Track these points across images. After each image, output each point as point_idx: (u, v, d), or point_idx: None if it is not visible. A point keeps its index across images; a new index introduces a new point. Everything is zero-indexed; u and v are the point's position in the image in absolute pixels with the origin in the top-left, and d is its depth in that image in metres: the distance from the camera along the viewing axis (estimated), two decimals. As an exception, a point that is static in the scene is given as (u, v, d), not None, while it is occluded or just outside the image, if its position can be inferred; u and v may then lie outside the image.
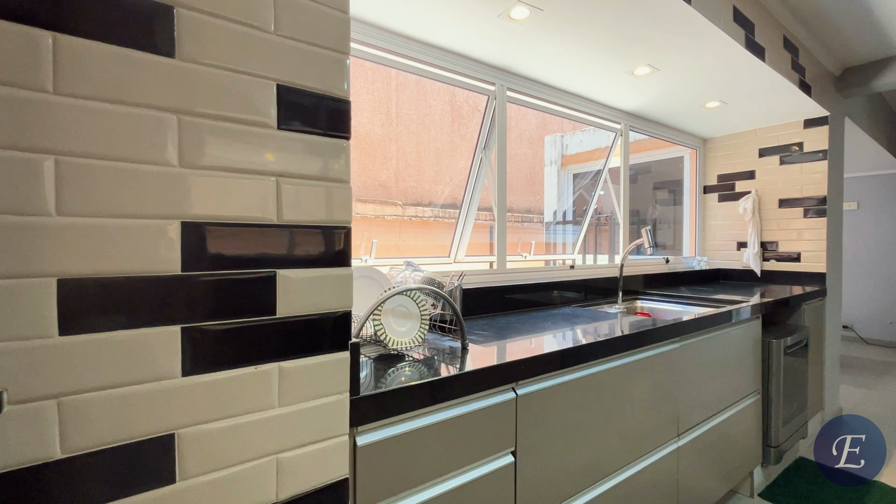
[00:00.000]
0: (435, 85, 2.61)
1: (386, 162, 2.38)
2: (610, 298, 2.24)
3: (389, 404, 0.78)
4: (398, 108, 2.44)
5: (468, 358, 1.01)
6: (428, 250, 2.47)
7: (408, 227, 2.47)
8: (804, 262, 2.70)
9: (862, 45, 2.38)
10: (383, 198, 2.35)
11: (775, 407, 1.99)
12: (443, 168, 2.64)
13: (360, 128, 2.23)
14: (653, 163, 3.74)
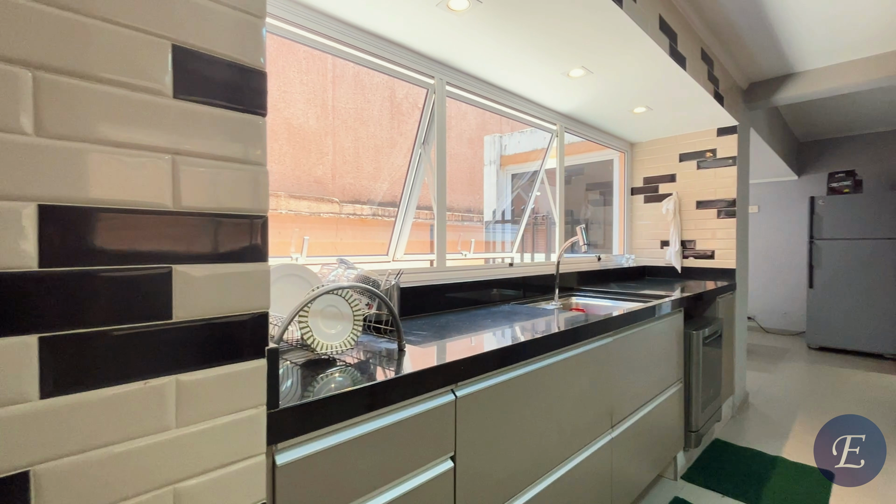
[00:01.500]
0: (373, 79, 2.52)
1: (322, 157, 2.26)
2: (547, 295, 2.28)
3: (315, 416, 0.70)
4: (335, 102, 2.33)
5: (405, 360, 0.95)
6: (367, 248, 2.38)
7: (345, 224, 2.36)
8: (717, 259, 2.93)
9: (765, 61, 2.63)
10: (319, 194, 2.23)
11: (695, 394, 2.13)
12: (382, 165, 2.56)
13: (294, 120, 2.10)
14: (586, 165, 3.90)
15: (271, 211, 1.98)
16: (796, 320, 5.34)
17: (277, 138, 2.02)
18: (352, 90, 2.39)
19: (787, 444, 2.43)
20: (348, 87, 2.37)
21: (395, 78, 1.83)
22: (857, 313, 4.36)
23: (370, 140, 2.52)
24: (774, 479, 2.07)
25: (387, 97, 2.59)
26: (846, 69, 2.60)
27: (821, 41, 2.35)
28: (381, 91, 2.56)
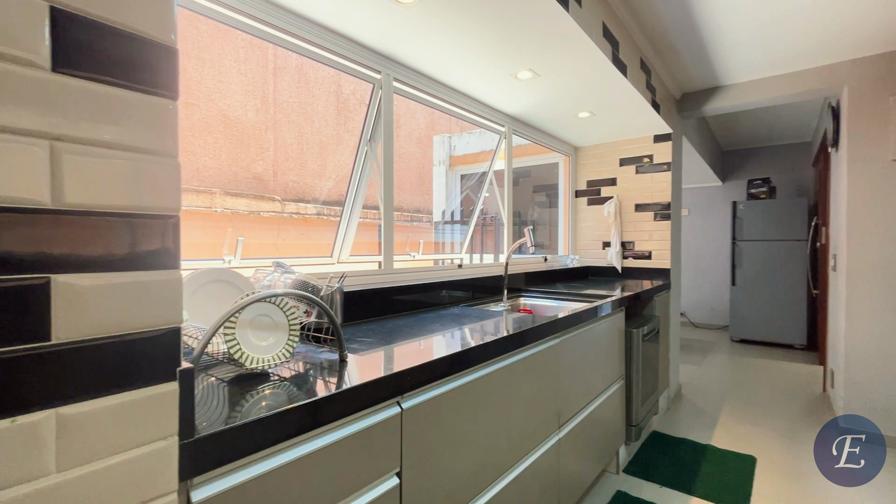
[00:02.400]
0: (318, 73, 2.41)
1: (262, 152, 2.13)
2: (496, 296, 2.27)
3: (240, 442, 0.62)
4: (276, 95, 2.20)
5: (346, 372, 0.88)
6: (311, 250, 2.26)
7: (288, 224, 2.24)
8: (654, 259, 3.09)
9: (697, 74, 2.79)
10: (259, 192, 2.09)
11: (636, 389, 2.21)
12: (328, 162, 2.45)
13: (231, 112, 1.96)
14: (532, 167, 3.98)
15: (205, 209, 1.82)
16: (721, 315, 5.78)
17: (212, 131, 1.88)
18: (295, 83, 2.27)
19: (716, 433, 2.60)
20: (291, 79, 2.25)
21: (341, 72, 1.74)
22: (772, 308, 4.79)
23: (315, 136, 2.41)
24: (706, 466, 2.20)
25: (333, 92, 2.48)
26: (765, 84, 2.82)
27: (744, 58, 2.54)
28: (327, 86, 2.46)
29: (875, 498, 1.94)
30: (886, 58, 2.45)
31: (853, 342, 2.55)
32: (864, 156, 2.51)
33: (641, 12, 2.07)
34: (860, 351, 2.53)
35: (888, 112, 2.44)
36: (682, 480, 2.06)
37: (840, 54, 2.49)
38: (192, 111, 1.82)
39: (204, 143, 1.84)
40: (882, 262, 2.46)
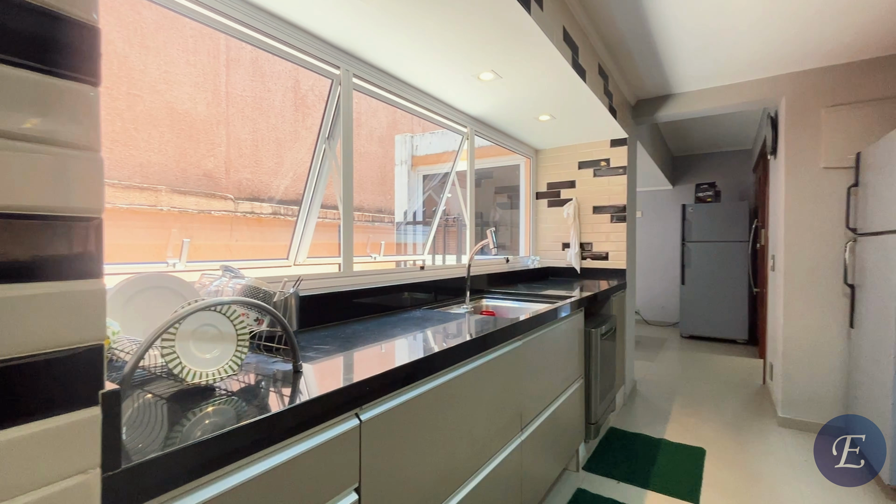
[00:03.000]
0: (275, 67, 2.31)
1: (213, 148, 2.01)
2: (458, 298, 2.26)
3: (177, 470, 0.56)
4: (230, 88, 2.08)
5: (301, 383, 0.82)
6: (267, 251, 2.16)
7: (241, 224, 2.13)
8: (611, 260, 3.18)
9: (651, 82, 2.90)
10: (210, 190, 1.98)
11: (595, 388, 2.26)
12: (285, 160, 2.35)
13: (179, 105, 1.83)
14: (494, 168, 4.00)
15: (149, 207, 1.70)
16: (672, 313, 6.07)
17: (158, 124, 1.75)
18: (249, 77, 2.17)
19: (668, 427, 2.71)
20: (245, 72, 2.14)
21: (299, 66, 1.67)
22: (717, 305, 5.08)
23: (271, 132, 2.31)
24: (660, 459, 2.28)
25: (290, 87, 2.39)
26: (712, 94, 2.98)
27: (693, 68, 2.66)
28: (284, 80, 2.36)
29: (811, 480, 2.08)
30: (819, 72, 2.64)
31: (790, 337, 2.73)
32: (800, 163, 2.69)
33: (599, 19, 2.12)
34: (796, 345, 2.71)
35: (820, 123, 2.63)
36: (639, 475, 2.13)
37: (779, 67, 2.66)
38: (134, 102, 1.69)
39: (148, 136, 1.72)
40: (815, 263, 2.65)
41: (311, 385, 0.82)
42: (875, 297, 2.12)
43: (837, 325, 2.59)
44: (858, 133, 2.50)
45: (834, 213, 2.59)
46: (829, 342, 2.61)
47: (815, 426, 2.64)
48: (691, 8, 2.00)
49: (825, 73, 2.62)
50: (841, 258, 2.56)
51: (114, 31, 1.58)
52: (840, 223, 2.57)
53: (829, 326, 2.61)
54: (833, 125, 2.57)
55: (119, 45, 1.60)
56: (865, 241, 2.28)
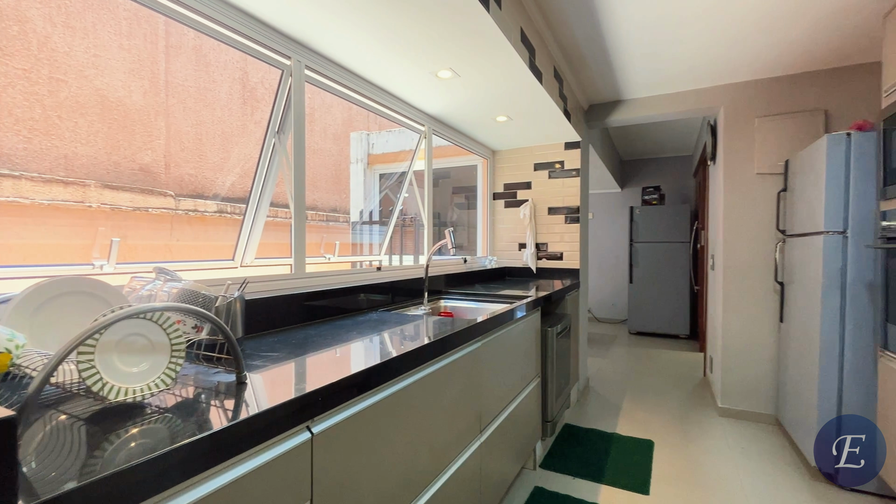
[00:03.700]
0: (221, 56, 2.17)
1: (151, 140, 1.86)
2: (416, 299, 2.22)
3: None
4: (169, 77, 1.94)
5: (245, 396, 0.76)
6: (212, 252, 2.03)
7: (183, 223, 1.98)
8: (565, 260, 3.25)
9: (603, 87, 3.00)
10: (148, 185, 1.83)
11: (551, 386, 2.29)
12: (231, 155, 2.22)
13: (111, 92, 1.68)
14: (452, 168, 3.99)
15: (75, 204, 1.55)
16: (621, 310, 6.33)
17: (86, 113, 1.60)
18: (193, 65, 2.02)
19: (619, 421, 2.80)
20: (187, 60, 2.00)
21: (247, 57, 1.57)
22: (662, 303, 5.35)
23: (217, 126, 2.17)
24: (612, 453, 2.35)
25: (238, 79, 2.26)
26: (658, 101, 3.12)
27: (642, 76, 2.77)
28: (232, 71, 2.23)
29: (748, 466, 2.22)
30: (752, 85, 2.83)
31: (728, 332, 2.91)
32: (736, 169, 2.88)
33: (556, 23, 2.15)
34: (733, 339, 2.90)
35: (754, 132, 2.82)
36: (592, 469, 2.18)
37: (718, 78, 2.82)
38: (57, 87, 1.53)
39: (74, 126, 1.56)
40: (750, 262, 2.84)
41: (256, 397, 0.75)
42: (801, 293, 2.30)
43: (769, 319, 2.78)
44: (787, 142, 2.71)
45: (766, 215, 2.79)
46: (763, 336, 2.80)
47: (751, 415, 2.83)
48: (641, 17, 2.07)
49: (757, 86, 2.81)
50: (772, 257, 2.76)
51: (32, 8, 1.41)
52: (771, 225, 2.77)
53: (762, 321, 2.80)
54: (765, 134, 2.77)
55: (39, 24, 1.44)
56: (793, 241, 2.47)
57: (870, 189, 1.94)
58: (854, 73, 2.57)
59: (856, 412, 1.97)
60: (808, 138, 2.64)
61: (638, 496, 1.97)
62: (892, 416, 1.76)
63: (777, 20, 2.11)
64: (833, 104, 2.62)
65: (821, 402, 2.05)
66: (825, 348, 2.04)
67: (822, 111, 2.63)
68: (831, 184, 2.02)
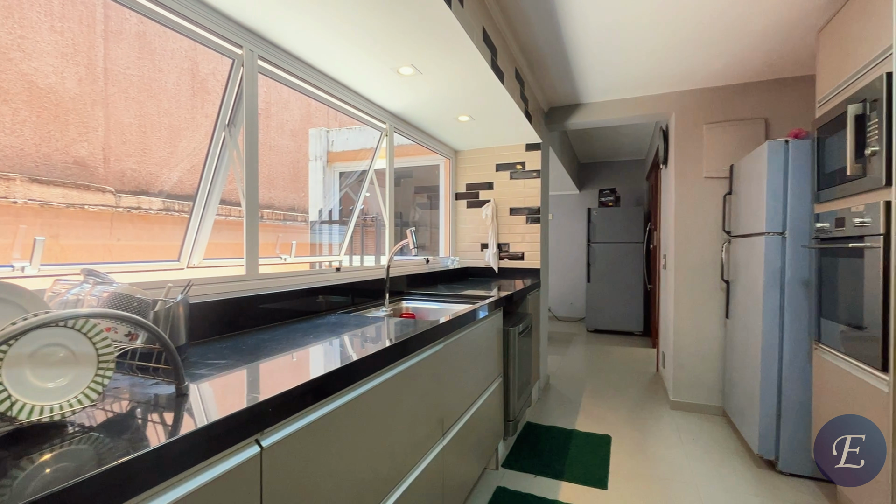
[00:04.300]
0: (168, 45, 2.04)
1: (87, 132, 1.72)
2: (377, 301, 2.16)
3: (-8, 544, 0.41)
4: (109, 64, 1.80)
5: (186, 409, 0.69)
6: (158, 252, 1.90)
7: (124, 221, 1.85)
8: (527, 260, 3.29)
9: (562, 90, 3.05)
10: (84, 180, 1.69)
11: (513, 385, 2.30)
12: (179, 150, 2.09)
13: (40, 78, 1.54)
14: (414, 168, 3.95)
15: (-4, 199, 1.40)
16: (579, 309, 6.51)
17: (10, 100, 1.46)
18: (135, 53, 1.89)
19: (579, 417, 2.87)
20: (129, 47, 1.86)
21: (197, 45, 1.46)
22: (617, 301, 5.54)
23: (163, 118, 2.03)
24: (572, 450, 2.39)
25: (187, 69, 2.13)
26: (614, 105, 3.22)
27: (599, 80, 2.85)
28: (180, 61, 2.10)
29: (699, 455, 2.32)
30: (701, 93, 2.97)
31: (678, 328, 3.04)
32: (686, 172, 3.01)
33: (517, 24, 2.16)
34: (684, 335, 3.03)
35: (702, 137, 2.96)
36: (553, 467, 2.21)
37: (670, 85, 2.95)
38: (-27, 70, 1.39)
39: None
40: (699, 262, 2.98)
41: (198, 410, 0.69)
42: (745, 291, 2.43)
43: (717, 316, 2.93)
44: (732, 147, 2.86)
45: (713, 217, 2.94)
46: (710, 332, 2.95)
47: (701, 407, 2.97)
48: (597, 22, 2.12)
49: (705, 94, 2.96)
50: (719, 257, 2.91)
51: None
52: (718, 226, 2.92)
53: (710, 318, 2.95)
54: (712, 140, 2.91)
55: None
56: (737, 242, 2.61)
57: (805, 193, 2.08)
58: (792, 85, 2.76)
59: (794, 402, 2.11)
60: (750, 145, 2.80)
61: (597, 491, 2.01)
62: (824, 404, 1.89)
63: (718, 33, 2.22)
64: (773, 113, 2.80)
65: (762, 393, 2.18)
66: (766, 342, 2.17)
67: (762, 120, 2.80)
68: (771, 188, 2.15)
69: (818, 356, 1.96)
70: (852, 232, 1.65)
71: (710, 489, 2.03)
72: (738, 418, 2.52)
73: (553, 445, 2.45)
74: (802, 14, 2.05)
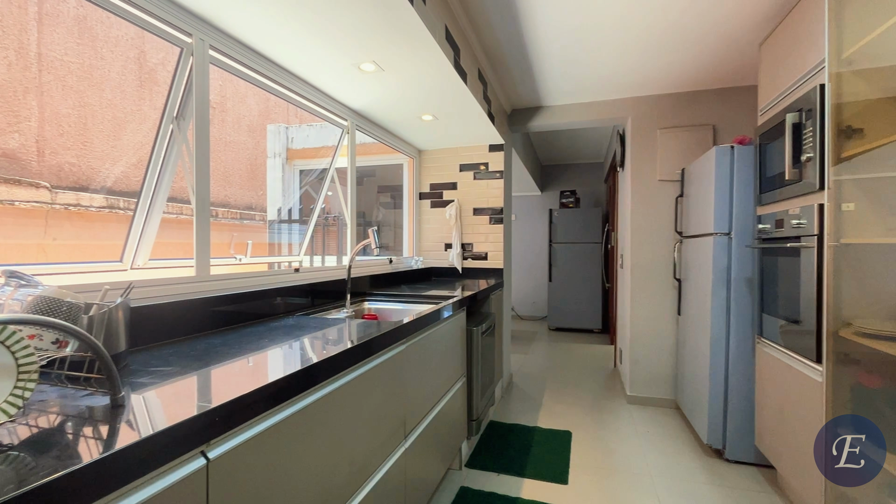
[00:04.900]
0: (112, 32, 1.90)
1: (17, 122, 1.58)
2: (338, 302, 2.11)
3: None
4: (43, 49, 1.66)
5: (121, 422, 0.64)
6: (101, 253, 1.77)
7: (61, 219, 1.71)
8: (490, 260, 3.32)
9: (525, 93, 3.10)
10: (14, 174, 1.56)
11: (476, 385, 2.31)
12: (125, 144, 1.95)
13: None
14: (377, 167, 3.90)
15: None
16: (541, 307, 6.64)
17: None
18: (74, 38, 1.75)
19: (540, 414, 2.92)
20: (67, 32, 1.72)
21: (145, 33, 1.37)
22: (578, 300, 5.70)
23: (107, 110, 1.90)
24: (534, 447, 2.43)
25: (133, 58, 2.00)
26: (574, 109, 3.30)
27: (561, 84, 2.91)
28: (125, 49, 1.97)
29: (653, 446, 2.41)
30: (655, 99, 3.10)
31: (634, 325, 3.16)
32: (641, 175, 3.13)
33: (480, 25, 2.17)
34: (639, 332, 3.15)
35: (656, 142, 3.09)
36: (516, 464, 2.23)
37: (626, 91, 3.05)
38: None
39: None
40: (654, 261, 3.11)
41: (135, 422, 0.64)
42: (695, 289, 2.56)
43: (670, 313, 3.07)
44: (683, 152, 3.00)
45: (667, 218, 3.07)
46: (664, 328, 3.08)
47: (655, 400, 3.10)
48: (557, 26, 2.16)
49: (659, 100, 3.09)
50: (671, 257, 3.04)
51: None
52: (671, 227, 3.05)
53: (664, 315, 3.08)
54: (665, 144, 3.04)
55: None
56: (688, 242, 2.74)
57: (749, 196, 2.21)
58: (737, 94, 2.92)
59: (739, 394, 2.23)
60: (700, 150, 2.95)
61: (558, 486, 2.05)
62: (766, 395, 2.01)
63: (668, 44, 2.32)
64: (720, 120, 2.96)
65: (711, 386, 2.29)
66: (714, 338, 2.29)
67: (711, 126, 2.95)
68: (718, 191, 2.27)
69: (760, 350, 2.08)
70: (790, 233, 1.77)
71: (663, 479, 2.11)
72: (689, 410, 2.64)
73: (516, 443, 2.48)
74: (746, 29, 2.17)
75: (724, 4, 1.96)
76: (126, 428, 0.62)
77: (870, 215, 1.52)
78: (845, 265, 1.53)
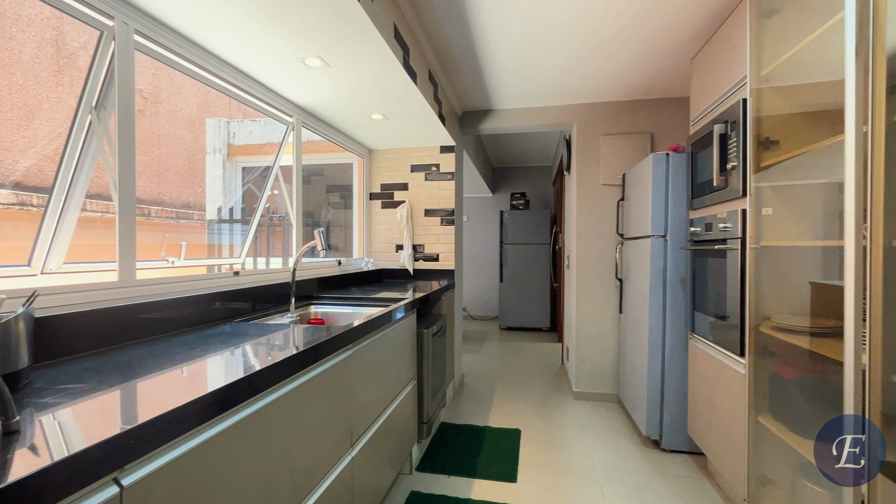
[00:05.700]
0: (24, 10, 1.71)
1: None
2: (282, 307, 2.02)
3: None
4: (-63, 29, 1.47)
5: (15, 451, 0.56)
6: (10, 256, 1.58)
7: (-37, 218, 1.52)
8: (441, 261, 3.32)
9: (475, 95, 3.12)
10: None
11: (427, 387, 2.30)
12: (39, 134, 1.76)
13: None
14: (326, 165, 3.78)
15: None
16: (493, 307, 6.74)
17: None
18: (-26, 16, 1.56)
19: (491, 414, 2.95)
20: (-32, 9, 1.53)
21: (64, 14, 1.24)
22: (527, 299, 5.84)
23: (17, 96, 1.71)
24: (485, 446, 2.45)
25: (50, 40, 1.81)
26: (522, 113, 3.37)
27: (510, 88, 2.96)
28: (40, 29, 1.77)
29: (597, 440, 2.51)
30: (598, 106, 3.23)
31: (580, 323, 3.28)
32: (586, 179, 3.25)
33: (430, 26, 2.16)
34: (584, 330, 3.27)
35: (600, 147, 3.22)
36: (466, 465, 2.24)
37: (573, 97, 3.16)
38: None
39: None
40: (598, 262, 3.24)
41: (34, 449, 0.56)
42: (634, 288, 2.69)
43: (613, 312, 3.21)
44: (624, 158, 3.15)
45: (609, 221, 3.21)
46: (607, 326, 3.22)
47: (599, 396, 3.23)
48: (506, 32, 2.19)
49: (602, 108, 3.22)
50: (614, 258, 3.18)
51: None
52: (613, 229, 3.20)
53: (607, 313, 3.22)
54: (608, 150, 3.18)
55: None
56: (628, 244, 2.88)
57: (683, 200, 2.35)
58: (673, 104, 3.11)
59: (674, 387, 2.37)
60: (639, 156, 3.11)
61: (507, 485, 2.07)
62: (697, 387, 2.15)
63: (609, 55, 2.42)
64: (658, 128, 3.14)
65: (649, 381, 2.42)
66: (652, 334, 2.41)
67: (649, 134, 3.12)
68: (655, 195, 2.40)
69: (692, 345, 2.22)
70: (718, 235, 1.90)
71: (606, 471, 2.20)
72: (630, 404, 2.78)
73: (466, 444, 2.49)
74: (679, 44, 2.31)
75: (660, 18, 2.07)
76: (22, 458, 0.55)
77: (784, 220, 1.66)
78: (764, 265, 1.67)
